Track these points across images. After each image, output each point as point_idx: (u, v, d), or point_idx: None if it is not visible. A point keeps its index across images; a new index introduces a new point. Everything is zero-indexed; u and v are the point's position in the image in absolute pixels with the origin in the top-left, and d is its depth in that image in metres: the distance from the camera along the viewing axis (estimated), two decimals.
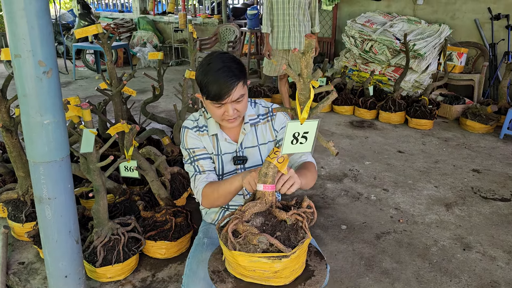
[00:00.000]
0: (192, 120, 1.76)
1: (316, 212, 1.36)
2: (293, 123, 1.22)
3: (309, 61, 1.16)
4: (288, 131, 1.23)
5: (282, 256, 1.20)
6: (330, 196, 3.11)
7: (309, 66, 1.17)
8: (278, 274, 1.23)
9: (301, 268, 1.32)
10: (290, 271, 1.25)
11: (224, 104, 1.55)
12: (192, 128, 1.74)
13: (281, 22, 4.29)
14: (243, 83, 1.57)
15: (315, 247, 1.48)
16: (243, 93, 1.56)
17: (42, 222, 1.79)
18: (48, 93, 1.63)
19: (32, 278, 2.23)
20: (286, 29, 4.29)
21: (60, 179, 1.74)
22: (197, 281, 1.57)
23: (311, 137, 1.25)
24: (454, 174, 3.48)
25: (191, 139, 1.72)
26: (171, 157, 3.22)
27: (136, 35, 9.00)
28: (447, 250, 2.47)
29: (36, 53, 1.56)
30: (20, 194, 2.54)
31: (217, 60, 1.54)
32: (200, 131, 1.73)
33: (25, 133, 1.68)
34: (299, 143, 1.25)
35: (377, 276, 2.24)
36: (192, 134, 1.73)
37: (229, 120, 1.60)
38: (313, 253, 1.44)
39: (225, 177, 1.77)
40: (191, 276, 1.61)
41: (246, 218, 1.30)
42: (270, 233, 1.27)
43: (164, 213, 2.39)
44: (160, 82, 3.51)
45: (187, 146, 1.73)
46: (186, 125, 1.75)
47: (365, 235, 2.62)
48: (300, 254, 1.25)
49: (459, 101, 4.96)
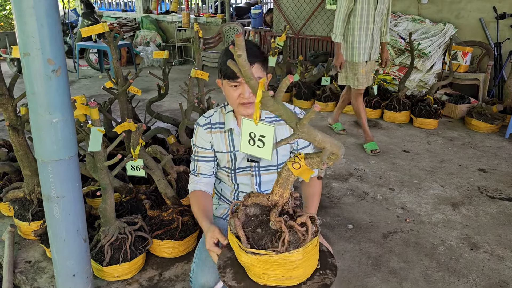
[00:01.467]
0: (205, 117, 1.77)
1: (310, 234, 1.23)
2: (247, 121, 1.18)
3: (243, 63, 1.02)
4: (243, 127, 1.19)
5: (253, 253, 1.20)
6: (336, 196, 3.10)
7: (245, 66, 1.04)
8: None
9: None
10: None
11: (240, 83, 1.56)
12: (203, 125, 1.74)
13: (364, 30, 3.70)
14: (262, 66, 1.58)
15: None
16: (261, 76, 1.56)
17: (50, 220, 1.79)
18: (57, 91, 1.63)
19: (39, 277, 2.23)
20: (368, 38, 3.75)
21: (68, 177, 1.74)
22: (206, 269, 1.58)
23: (269, 144, 1.18)
24: (460, 173, 3.46)
25: (200, 138, 1.76)
26: (177, 156, 3.22)
27: (139, 34, 9.00)
28: (455, 249, 2.46)
29: (45, 51, 1.56)
30: (27, 192, 2.54)
31: None
32: (212, 128, 1.74)
33: (34, 132, 1.68)
34: (257, 146, 1.20)
35: (385, 276, 2.23)
36: (201, 132, 1.74)
37: (245, 104, 1.59)
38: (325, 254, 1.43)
39: (237, 173, 1.76)
40: (200, 264, 1.61)
41: (247, 203, 1.30)
42: (253, 226, 1.26)
43: (171, 212, 2.39)
44: (165, 81, 3.50)
45: (195, 143, 1.78)
46: (198, 121, 1.78)
47: (372, 234, 2.61)
48: (255, 261, 1.22)
49: (464, 101, 4.94)
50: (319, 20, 7.04)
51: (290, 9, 7.38)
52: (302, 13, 7.23)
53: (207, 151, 1.76)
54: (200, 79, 3.41)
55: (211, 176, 1.80)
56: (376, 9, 3.66)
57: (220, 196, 1.93)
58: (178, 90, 6.28)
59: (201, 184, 1.76)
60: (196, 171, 1.78)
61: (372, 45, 3.81)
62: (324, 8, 6.90)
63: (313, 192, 1.71)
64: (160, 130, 3.45)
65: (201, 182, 1.77)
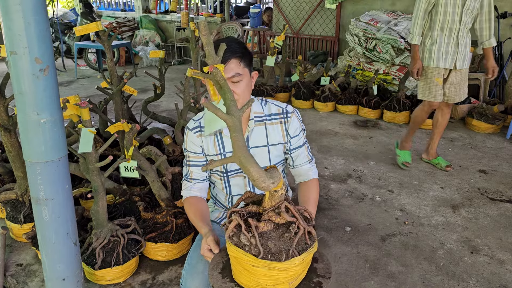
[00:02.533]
0: (194, 120, 1.72)
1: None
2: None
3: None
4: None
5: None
6: (334, 197, 3.05)
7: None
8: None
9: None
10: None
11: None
12: (193, 129, 1.69)
13: (447, 31, 3.11)
14: (241, 62, 1.53)
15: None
16: (239, 73, 1.51)
17: (39, 223, 1.75)
18: (44, 91, 1.58)
19: (30, 280, 2.19)
20: (452, 41, 3.13)
21: (57, 179, 1.70)
22: (196, 275, 1.53)
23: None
24: (460, 174, 3.41)
25: (190, 142, 1.71)
26: (172, 157, 3.17)
27: (138, 34, 8.96)
28: (454, 253, 2.41)
29: (32, 50, 1.51)
30: (19, 194, 2.50)
31: (220, 41, 1.53)
32: (201, 131, 1.68)
33: (22, 132, 1.63)
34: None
35: (383, 280, 2.19)
36: (191, 137, 1.70)
37: None
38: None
39: (230, 175, 1.72)
40: (190, 270, 1.57)
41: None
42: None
43: (165, 214, 2.35)
44: (161, 81, 3.46)
45: (186, 147, 1.74)
46: (188, 125, 1.73)
47: (370, 237, 2.56)
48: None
49: (465, 101, 4.89)
50: (318, 20, 7.00)
51: (289, 9, 7.33)
52: (302, 12, 7.19)
53: (198, 156, 1.71)
54: (196, 79, 3.37)
55: (204, 180, 1.75)
56: (464, 6, 3.01)
57: (216, 200, 1.89)
58: (176, 90, 6.24)
59: (195, 189, 1.72)
60: (189, 177, 1.73)
61: (458, 50, 3.14)
62: (323, 8, 6.86)
63: (308, 196, 1.67)
64: (156, 130, 3.41)
65: (194, 188, 1.72)
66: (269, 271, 1.15)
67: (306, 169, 1.78)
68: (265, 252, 1.16)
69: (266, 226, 1.22)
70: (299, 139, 1.74)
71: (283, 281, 1.18)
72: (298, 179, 1.81)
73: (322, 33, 7.01)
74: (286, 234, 1.20)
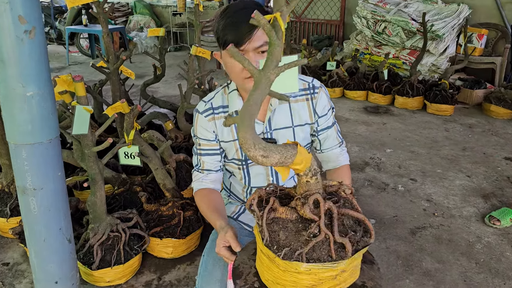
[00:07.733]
0: (205, 101, 1.43)
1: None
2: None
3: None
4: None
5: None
6: (353, 187, 2.80)
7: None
8: None
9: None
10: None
11: (245, 51, 1.23)
12: (204, 112, 1.40)
13: None
14: None
15: None
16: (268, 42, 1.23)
17: (27, 217, 1.48)
18: (30, 58, 1.31)
19: (18, 282, 1.93)
20: None
21: (47, 165, 1.43)
22: (213, 282, 1.27)
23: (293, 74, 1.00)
24: (486, 162, 3.17)
25: (200, 127, 1.42)
26: (175, 144, 2.90)
27: (133, 19, 8.62)
28: (494, 247, 2.17)
29: (15, 7, 1.24)
30: (5, 184, 2.22)
31: (237, 3, 1.26)
32: (215, 113, 1.40)
33: (4, 108, 1.36)
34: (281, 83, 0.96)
35: (419, 278, 1.94)
36: (202, 121, 1.41)
37: (251, 77, 1.26)
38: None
39: (250, 163, 1.44)
40: (206, 276, 1.31)
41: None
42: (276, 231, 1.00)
43: (171, 206, 2.08)
44: (161, 61, 3.17)
45: (196, 134, 1.44)
46: (197, 107, 1.44)
47: (398, 230, 2.32)
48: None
49: (480, 86, 4.65)
50: (322, 3, 6.71)
51: None
52: None
53: (211, 143, 1.42)
54: (200, 59, 3.08)
55: (218, 171, 1.47)
56: None
57: (230, 192, 1.61)
58: (174, 77, 5.95)
59: (207, 181, 1.45)
60: (200, 167, 1.46)
61: None
62: None
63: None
64: (156, 115, 3.13)
65: (206, 179, 1.45)
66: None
67: (336, 153, 1.51)
68: (272, 240, 0.96)
69: (286, 213, 0.98)
70: (328, 118, 1.47)
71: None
72: (327, 166, 1.55)
73: (326, 16, 6.73)
74: (304, 233, 0.95)
